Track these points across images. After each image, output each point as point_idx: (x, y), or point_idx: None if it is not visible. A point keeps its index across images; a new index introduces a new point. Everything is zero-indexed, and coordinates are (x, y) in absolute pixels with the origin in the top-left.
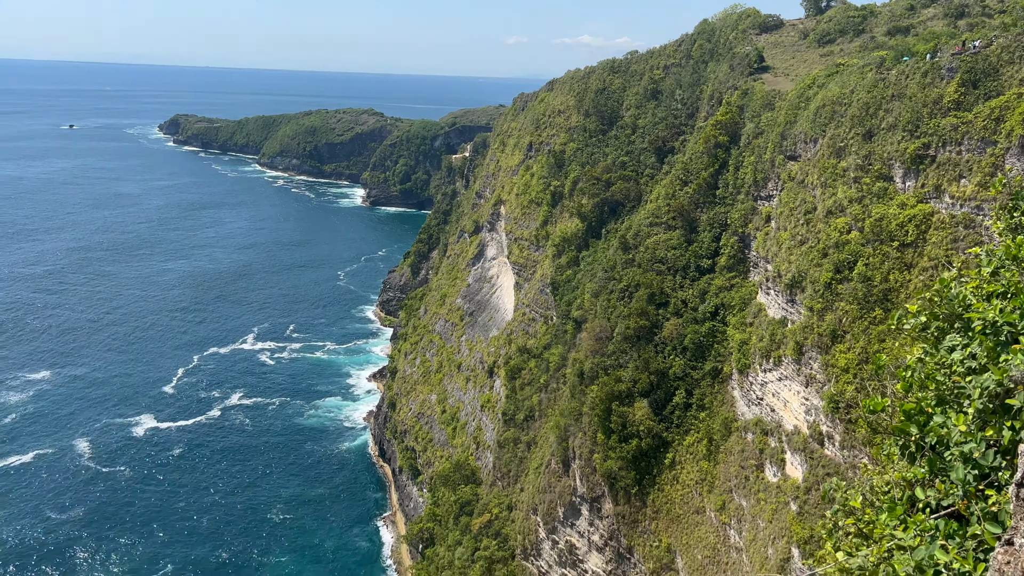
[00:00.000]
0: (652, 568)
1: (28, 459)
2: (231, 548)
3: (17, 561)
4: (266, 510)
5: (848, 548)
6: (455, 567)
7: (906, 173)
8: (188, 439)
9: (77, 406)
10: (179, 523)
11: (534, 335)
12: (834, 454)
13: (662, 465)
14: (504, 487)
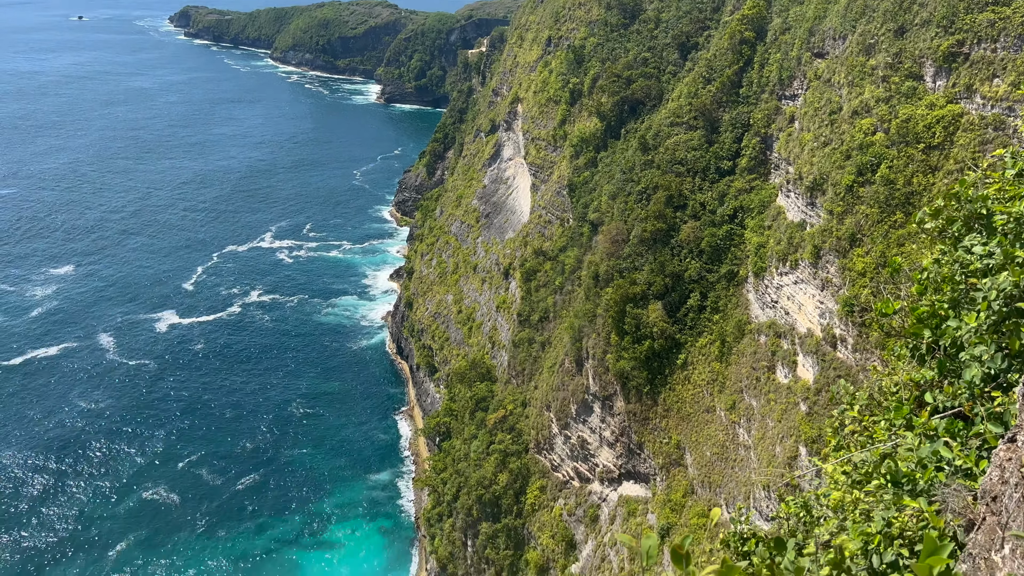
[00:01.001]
0: (661, 463)
1: (54, 352)
2: (254, 439)
3: (48, 450)
4: (287, 404)
5: (852, 447)
6: (471, 459)
7: (937, 72)
8: (209, 335)
9: (99, 302)
10: (202, 415)
11: (550, 237)
12: (846, 357)
13: (674, 366)
14: (519, 385)
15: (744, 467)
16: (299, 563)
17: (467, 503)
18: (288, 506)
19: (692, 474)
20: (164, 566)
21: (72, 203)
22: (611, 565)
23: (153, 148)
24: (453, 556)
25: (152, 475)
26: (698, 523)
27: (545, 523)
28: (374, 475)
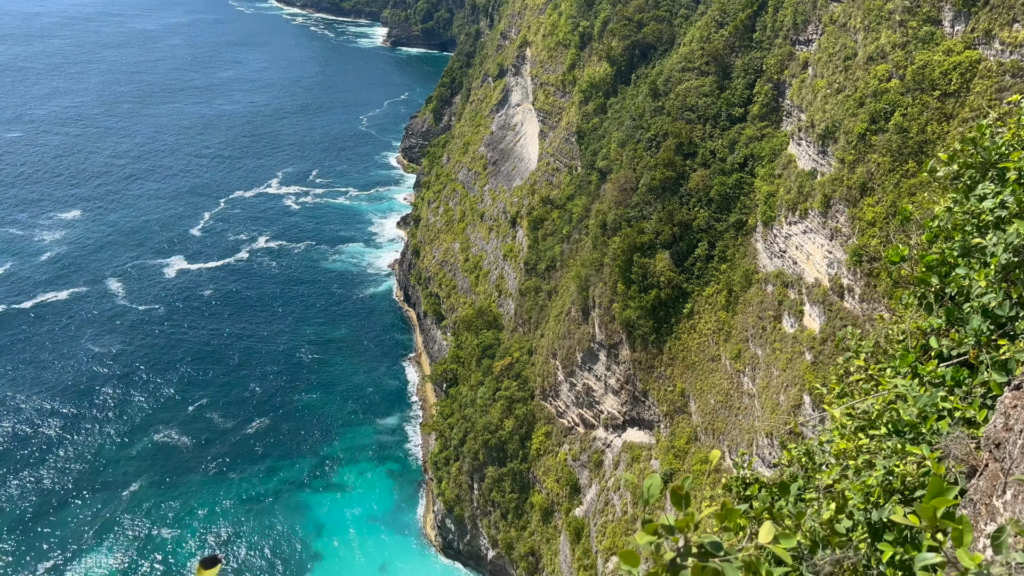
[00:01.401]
0: (665, 411)
1: (64, 296)
2: (263, 384)
3: (60, 393)
4: (295, 350)
5: (856, 395)
6: (477, 405)
7: (956, 16)
8: (218, 280)
9: (107, 247)
10: (212, 360)
11: (558, 186)
12: (853, 307)
13: (680, 315)
14: (525, 333)
15: (748, 415)
16: (309, 504)
17: (473, 448)
18: (297, 449)
19: (696, 421)
20: (176, 507)
21: (77, 147)
22: (614, 509)
23: (157, 92)
24: (459, 499)
25: (163, 418)
26: (701, 469)
27: (550, 467)
28: (382, 420)
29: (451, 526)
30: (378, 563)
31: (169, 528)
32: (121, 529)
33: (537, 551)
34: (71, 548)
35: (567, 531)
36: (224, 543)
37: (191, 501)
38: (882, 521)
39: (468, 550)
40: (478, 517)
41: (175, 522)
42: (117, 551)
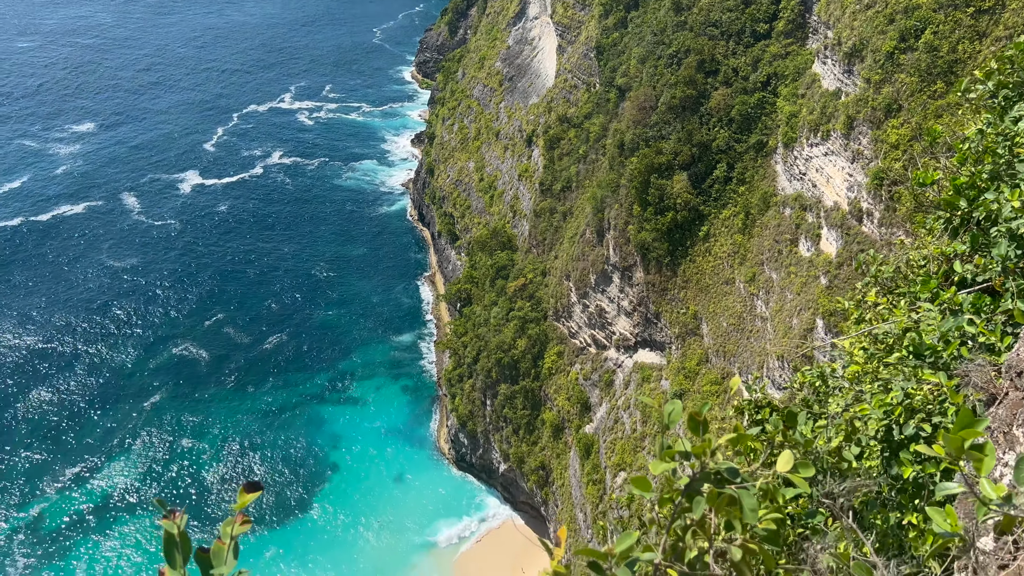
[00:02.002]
0: (677, 333)
1: (80, 210)
2: (279, 301)
3: (80, 306)
4: (311, 267)
5: (874, 320)
6: (490, 324)
7: None
8: (232, 196)
9: (122, 160)
10: (228, 276)
11: (575, 103)
12: (871, 231)
13: (696, 237)
14: (539, 254)
15: (760, 338)
16: (325, 417)
17: (487, 366)
18: (314, 364)
19: (707, 343)
20: (196, 418)
21: (89, 59)
22: (624, 426)
23: (168, 1)
24: (472, 414)
25: (181, 332)
26: (711, 390)
27: (561, 386)
28: (397, 337)
29: (464, 440)
30: (393, 474)
31: (190, 439)
32: (144, 438)
33: (547, 465)
34: (96, 456)
35: (577, 447)
36: (243, 454)
37: (210, 413)
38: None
39: (480, 463)
40: (490, 432)
41: (195, 433)
42: (140, 460)
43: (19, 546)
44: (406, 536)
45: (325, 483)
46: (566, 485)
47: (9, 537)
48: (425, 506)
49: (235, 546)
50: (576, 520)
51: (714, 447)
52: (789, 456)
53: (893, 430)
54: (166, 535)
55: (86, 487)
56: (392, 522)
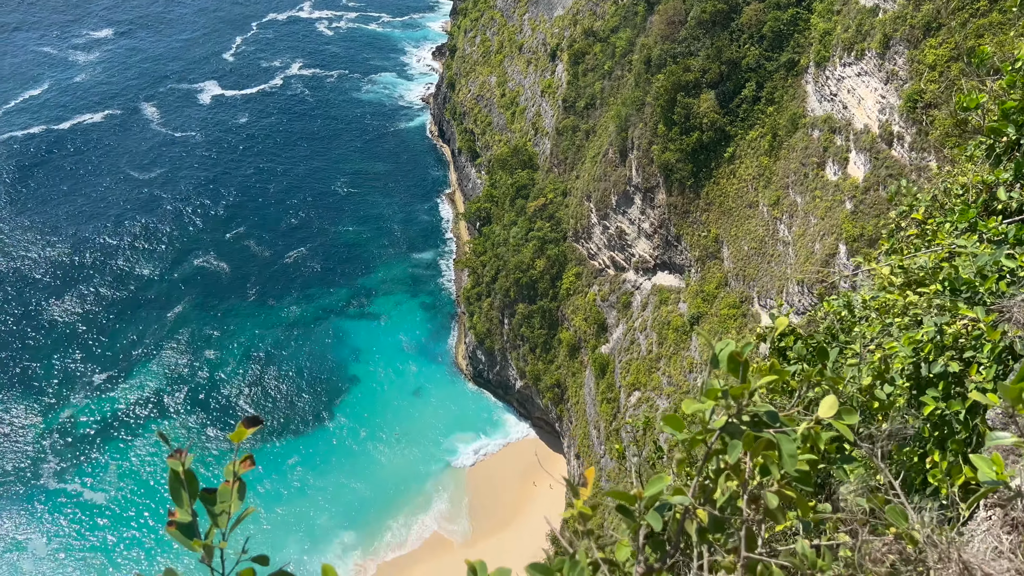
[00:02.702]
0: (697, 256)
1: (99, 119)
2: (298, 215)
3: (100, 215)
4: (331, 182)
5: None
6: (509, 244)
7: None
8: (252, 107)
9: (140, 69)
10: (248, 188)
11: (602, 16)
12: (901, 155)
13: (720, 159)
14: (560, 174)
15: (780, 262)
16: (345, 331)
17: (505, 285)
18: (334, 279)
19: (727, 267)
20: (218, 330)
21: None
22: (639, 348)
23: None
24: (490, 332)
25: (202, 243)
26: (728, 314)
27: (579, 307)
28: (417, 254)
29: (481, 357)
30: (412, 388)
31: (212, 350)
32: (167, 348)
33: (562, 383)
34: (122, 364)
35: (592, 366)
36: (264, 365)
37: (232, 325)
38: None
39: (497, 380)
40: (507, 350)
41: (218, 344)
42: (165, 369)
43: (50, 449)
44: (423, 448)
45: (345, 395)
46: (581, 403)
47: (40, 440)
48: (442, 419)
49: (240, 486)
50: (589, 436)
51: (754, 388)
52: (833, 401)
53: (921, 367)
54: (172, 474)
55: (113, 394)
56: (410, 433)
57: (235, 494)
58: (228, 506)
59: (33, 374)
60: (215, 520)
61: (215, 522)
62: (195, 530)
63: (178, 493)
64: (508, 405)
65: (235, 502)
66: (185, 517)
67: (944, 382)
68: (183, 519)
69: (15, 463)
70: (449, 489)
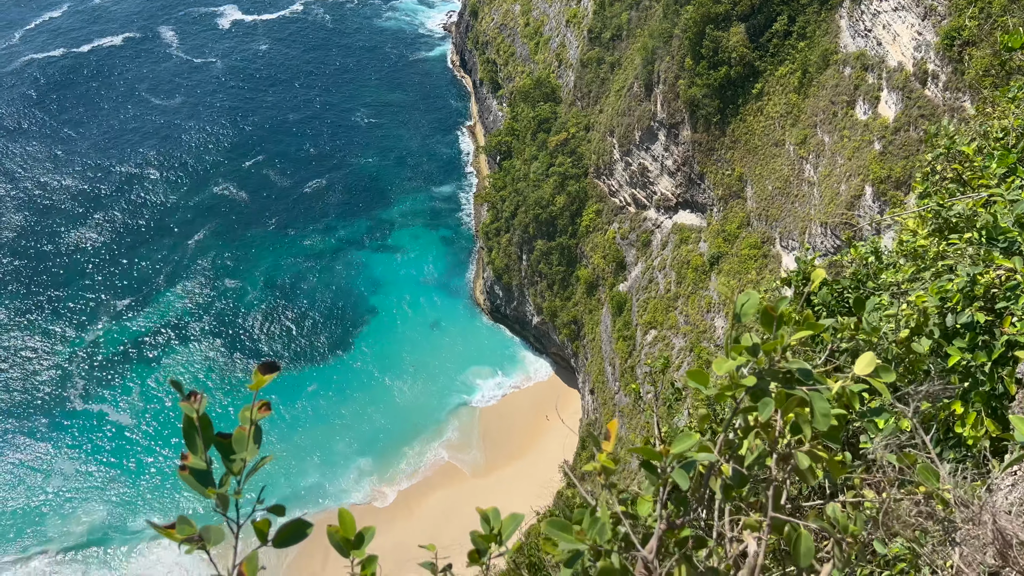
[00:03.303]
0: (720, 195)
1: (118, 42)
2: (318, 145)
3: (123, 142)
4: (351, 112)
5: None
6: (530, 179)
7: None
8: (272, 34)
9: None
10: (267, 116)
11: None
12: (935, 95)
13: (748, 95)
14: (583, 108)
15: (805, 203)
16: (365, 263)
17: (524, 221)
18: (353, 211)
19: (750, 207)
20: (238, 258)
21: None
22: (658, 286)
23: None
24: (508, 268)
25: (221, 171)
26: (749, 254)
27: (598, 244)
28: (436, 187)
29: (499, 292)
30: (429, 321)
31: (232, 279)
32: (189, 275)
33: (579, 320)
34: (145, 290)
35: (610, 304)
36: (284, 296)
37: (252, 254)
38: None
39: (514, 315)
40: (525, 286)
41: (238, 273)
42: (186, 296)
43: (76, 372)
44: (439, 380)
45: (364, 326)
46: (597, 339)
47: (66, 364)
48: (459, 353)
49: (257, 432)
50: (604, 373)
51: (787, 344)
52: (871, 358)
53: (947, 317)
54: (185, 419)
55: (136, 320)
56: (426, 366)
57: (251, 441)
58: (244, 453)
59: (57, 300)
60: (230, 467)
61: (230, 469)
62: (209, 477)
63: (192, 439)
64: (524, 341)
65: (251, 449)
66: (199, 463)
67: (971, 333)
68: (197, 465)
69: (42, 386)
70: (464, 421)
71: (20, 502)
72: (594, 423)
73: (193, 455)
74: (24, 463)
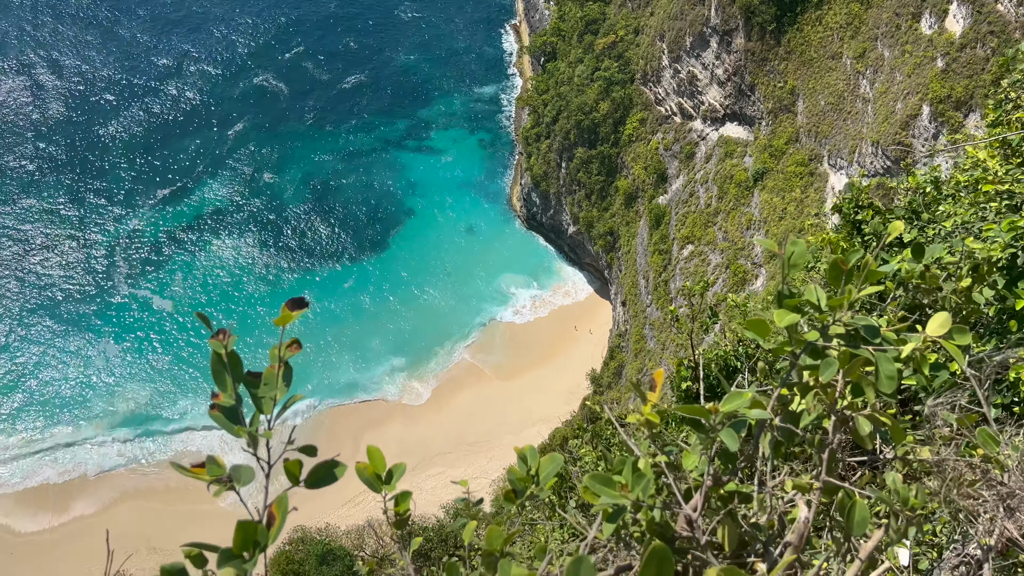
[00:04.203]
0: (770, 107)
1: None
2: (359, 39)
3: (163, 31)
4: (394, 5)
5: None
6: (574, 84)
7: None
8: None
9: None
10: (309, 8)
11: None
12: (1007, 11)
13: (808, 3)
14: (633, 9)
15: (857, 120)
16: (403, 163)
17: (565, 127)
18: (393, 109)
19: (800, 122)
20: (277, 152)
21: None
22: (698, 200)
23: None
24: (547, 175)
25: (261, 63)
26: (795, 171)
27: (640, 154)
28: (478, 88)
29: (536, 200)
30: (465, 225)
31: (270, 173)
32: (228, 167)
33: (615, 231)
34: (185, 179)
35: (648, 216)
36: (322, 192)
37: (290, 148)
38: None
39: (550, 224)
40: (563, 194)
41: (276, 168)
42: (225, 188)
43: (120, 258)
44: (472, 284)
45: (401, 226)
46: (632, 252)
47: (111, 249)
48: (492, 259)
49: (287, 371)
50: (637, 286)
51: (854, 300)
52: (945, 318)
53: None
54: (214, 356)
55: (177, 209)
56: (460, 269)
57: (281, 379)
58: (274, 392)
59: (99, 189)
60: (260, 405)
61: (260, 408)
62: (239, 415)
63: (221, 376)
64: (559, 250)
65: (281, 388)
66: (228, 401)
67: None
68: (226, 403)
69: (87, 273)
70: (494, 326)
71: (69, 385)
72: (624, 334)
73: (223, 393)
74: (70, 349)
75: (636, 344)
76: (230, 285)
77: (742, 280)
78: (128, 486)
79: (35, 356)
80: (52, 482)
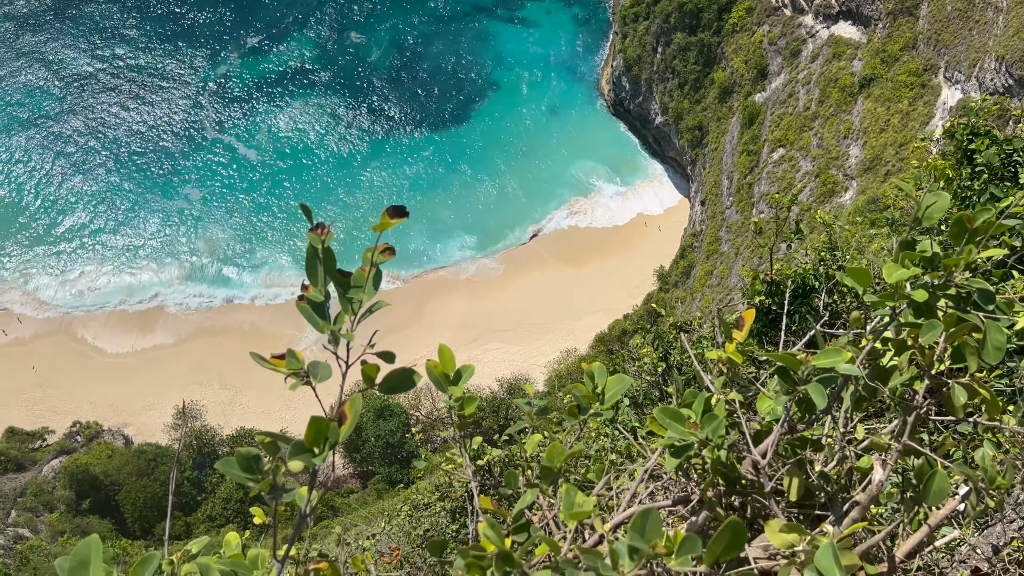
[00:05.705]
0: (890, 8)
1: None
2: None
3: None
4: None
5: None
6: None
7: None
8: None
9: None
10: None
11: None
12: None
13: None
14: None
15: (984, 31)
16: (492, 33)
17: (666, 8)
18: None
19: (920, 27)
20: (365, 8)
21: None
22: (797, 102)
23: None
24: (640, 59)
25: None
26: (905, 81)
27: (742, 46)
28: None
29: (626, 85)
30: (549, 105)
31: (359, 32)
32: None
33: (705, 127)
34: (273, 30)
35: (741, 113)
36: (408, 57)
37: (379, 8)
38: None
39: (637, 112)
40: (655, 82)
41: (364, 28)
42: (312, 43)
43: (208, 103)
44: (550, 168)
45: (484, 100)
46: (719, 150)
47: (199, 94)
48: (574, 143)
49: (377, 275)
50: (719, 185)
51: (972, 260)
52: None
53: None
54: (310, 249)
55: (265, 58)
56: (539, 150)
57: (370, 282)
58: (361, 294)
59: (186, 30)
60: (346, 306)
61: (346, 308)
62: (325, 311)
63: (314, 269)
64: (642, 141)
65: (369, 291)
66: (317, 296)
67: None
68: (315, 298)
69: (178, 111)
70: (566, 211)
71: (153, 221)
72: (699, 235)
73: (313, 287)
74: (158, 189)
75: (710, 246)
76: (312, 142)
77: (831, 191)
78: (206, 324)
79: (129, 199)
80: (135, 310)
